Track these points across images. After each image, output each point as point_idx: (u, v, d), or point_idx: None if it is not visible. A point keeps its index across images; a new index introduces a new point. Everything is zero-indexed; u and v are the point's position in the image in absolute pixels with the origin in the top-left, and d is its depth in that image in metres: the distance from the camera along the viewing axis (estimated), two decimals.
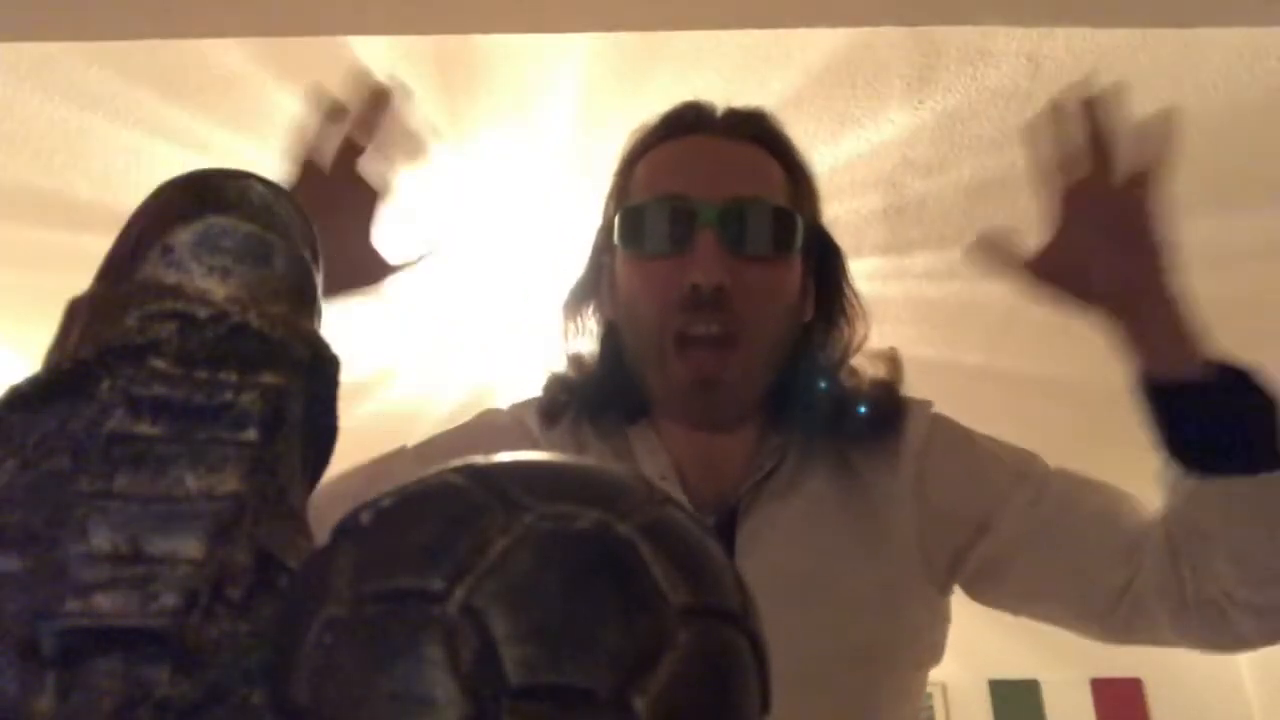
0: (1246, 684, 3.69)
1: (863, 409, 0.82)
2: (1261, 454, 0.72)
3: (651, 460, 0.81)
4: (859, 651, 0.75)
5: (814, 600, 0.74)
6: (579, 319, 0.88)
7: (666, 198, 0.78)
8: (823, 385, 0.83)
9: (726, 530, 0.77)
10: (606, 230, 0.85)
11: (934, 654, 0.82)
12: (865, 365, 0.87)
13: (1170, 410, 0.75)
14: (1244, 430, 0.73)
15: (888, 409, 0.83)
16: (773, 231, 0.78)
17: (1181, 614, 0.75)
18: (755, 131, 0.83)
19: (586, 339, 0.88)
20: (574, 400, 0.85)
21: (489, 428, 0.87)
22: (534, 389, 0.90)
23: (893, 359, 0.86)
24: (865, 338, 0.86)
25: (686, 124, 0.84)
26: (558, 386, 0.87)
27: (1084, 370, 2.86)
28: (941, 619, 0.82)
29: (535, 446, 0.83)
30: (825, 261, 0.86)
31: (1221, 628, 0.74)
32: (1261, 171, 2.09)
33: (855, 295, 0.87)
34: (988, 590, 0.82)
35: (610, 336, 0.85)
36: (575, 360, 0.88)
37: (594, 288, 0.87)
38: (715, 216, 0.76)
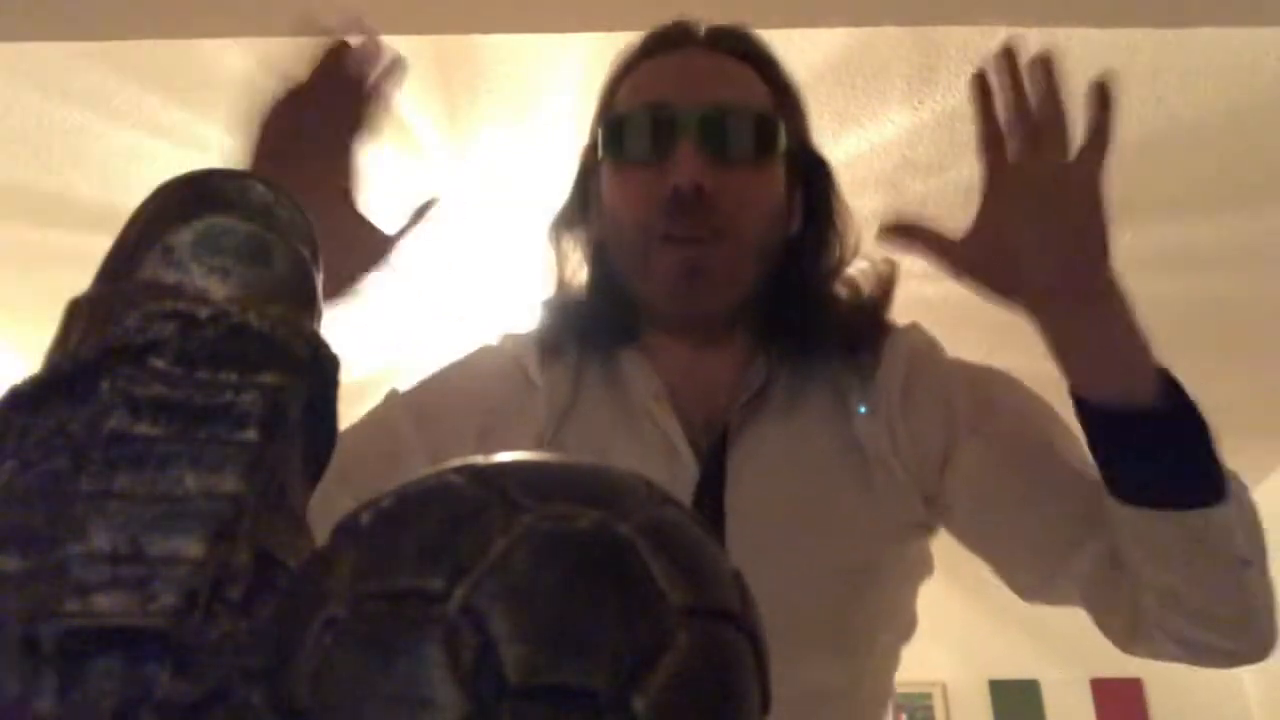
0: (1246, 684, 3.69)
1: (847, 334, 0.82)
2: (1190, 489, 0.66)
3: (643, 382, 0.81)
4: (849, 571, 0.75)
5: (806, 522, 0.74)
6: (565, 245, 0.88)
7: (648, 106, 0.79)
8: (818, 305, 0.82)
9: (718, 452, 0.77)
10: (592, 148, 0.86)
11: (924, 566, 0.82)
12: (861, 278, 0.86)
13: (1099, 432, 0.70)
14: (1174, 463, 0.66)
15: (867, 331, 0.82)
16: (754, 137, 0.78)
17: (1108, 616, 0.74)
18: (739, 47, 0.84)
19: (575, 266, 0.88)
20: (570, 330, 0.85)
21: (484, 372, 0.87)
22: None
23: (885, 275, 0.85)
24: (857, 249, 0.86)
25: (670, 41, 0.85)
26: (552, 316, 0.87)
27: None
28: (925, 537, 0.82)
29: (531, 392, 0.82)
30: (813, 176, 0.86)
31: (1146, 644, 0.73)
32: (1261, 172, 2.09)
33: (844, 207, 0.87)
34: (947, 520, 0.81)
35: (599, 258, 0.85)
36: (564, 287, 0.88)
37: (581, 212, 0.88)
38: (696, 122, 0.76)
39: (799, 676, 0.64)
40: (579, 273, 0.88)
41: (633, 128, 0.79)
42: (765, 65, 0.84)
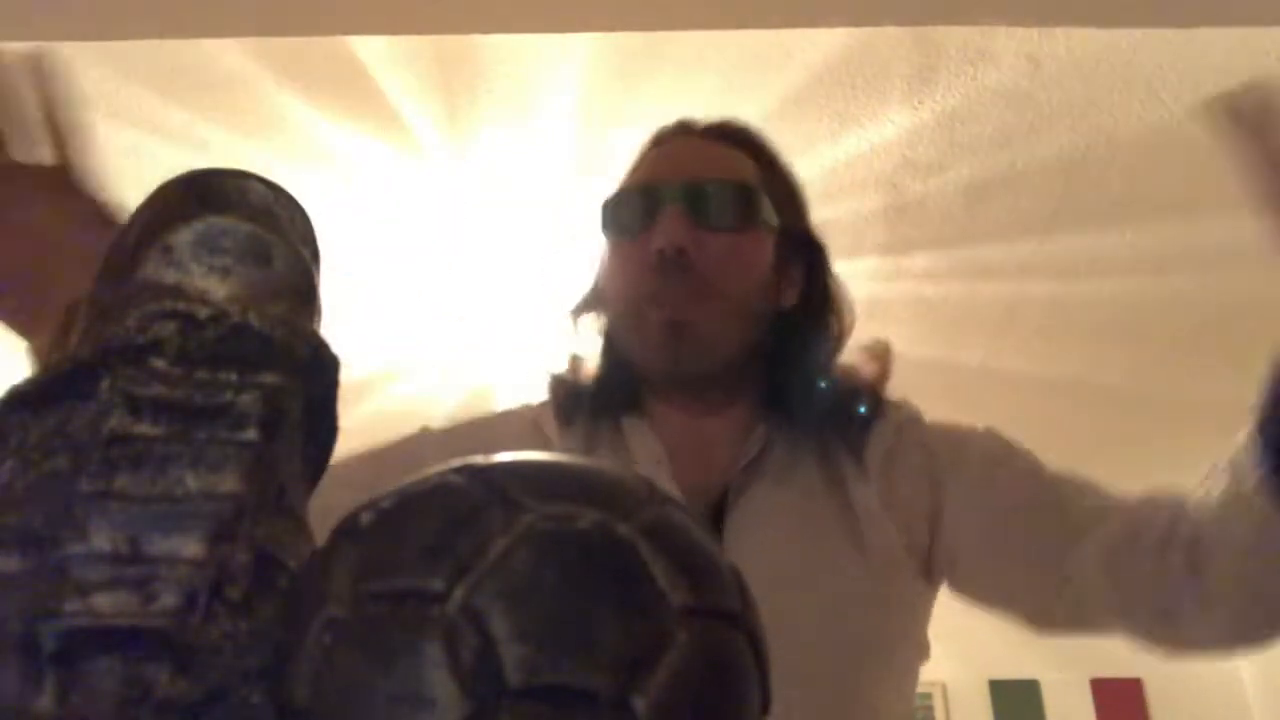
0: (1246, 684, 3.69)
1: (842, 407, 0.84)
2: None
3: (644, 448, 0.84)
4: (846, 643, 0.76)
5: (802, 589, 0.75)
6: (580, 324, 0.92)
7: (637, 185, 0.85)
8: (814, 378, 0.85)
9: (715, 516, 0.79)
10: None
11: (920, 650, 0.84)
12: (857, 361, 0.88)
13: None
14: None
15: (864, 410, 0.85)
16: (735, 204, 0.82)
17: (1136, 599, 0.73)
18: (731, 134, 0.88)
19: (588, 343, 0.91)
20: (579, 400, 0.88)
21: (506, 433, 0.89)
22: (534, 390, 0.93)
23: (880, 357, 0.88)
24: (851, 329, 0.88)
25: (667, 135, 0.90)
26: (561, 388, 0.90)
27: (1084, 370, 2.87)
28: (925, 614, 0.83)
29: (551, 447, 0.85)
30: (808, 255, 0.88)
31: (1175, 622, 0.71)
32: None
33: (840, 288, 0.89)
34: (951, 582, 0.83)
35: (605, 334, 0.89)
36: (574, 361, 0.91)
37: (595, 297, 0.91)
38: (679, 192, 0.81)
39: None
40: (591, 351, 0.92)
41: (623, 205, 0.85)
42: (757, 150, 0.88)
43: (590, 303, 0.92)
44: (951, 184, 2.16)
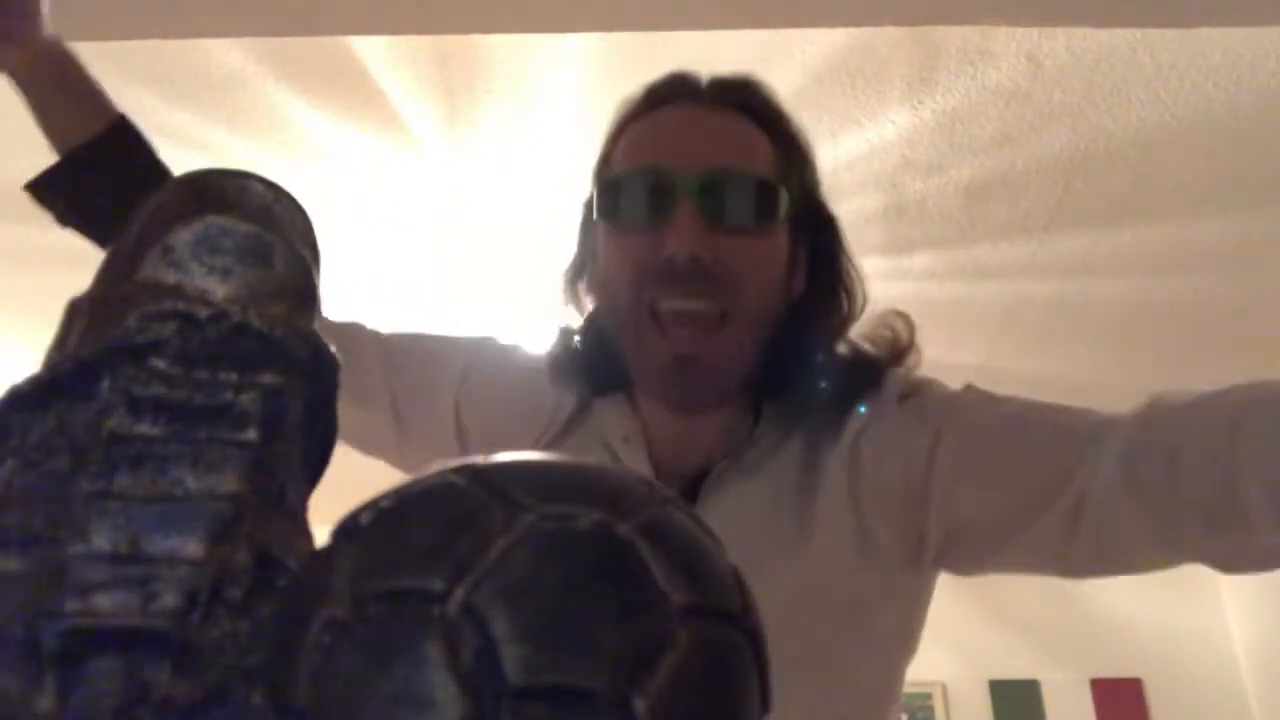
0: (1246, 684, 3.69)
1: (831, 392, 0.78)
2: None
3: (617, 423, 0.80)
4: (785, 640, 0.72)
5: (759, 582, 0.72)
6: (577, 297, 0.87)
7: (645, 169, 0.76)
8: (812, 366, 0.79)
9: (688, 497, 0.75)
10: (589, 205, 0.83)
11: (900, 646, 0.78)
12: (872, 338, 0.83)
13: None
14: None
15: (853, 386, 0.79)
16: (754, 204, 0.75)
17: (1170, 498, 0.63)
18: (741, 100, 0.80)
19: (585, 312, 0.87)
20: (573, 367, 0.85)
21: (523, 367, 0.89)
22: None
23: (893, 337, 0.81)
24: (864, 305, 0.82)
25: (670, 94, 0.81)
26: (563, 347, 0.87)
27: (1084, 370, 2.87)
28: (901, 607, 0.77)
29: (544, 396, 0.85)
30: (820, 232, 0.82)
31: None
32: (1262, 172, 2.09)
33: (852, 264, 0.83)
34: (960, 560, 0.76)
35: (594, 318, 0.84)
36: (563, 334, 0.87)
37: (584, 264, 0.86)
38: (694, 188, 0.73)
39: None
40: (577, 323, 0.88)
41: (629, 192, 0.76)
42: (770, 119, 0.80)
43: (581, 277, 0.86)
44: (951, 184, 2.17)
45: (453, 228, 2.29)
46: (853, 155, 2.06)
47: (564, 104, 1.94)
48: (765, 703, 0.32)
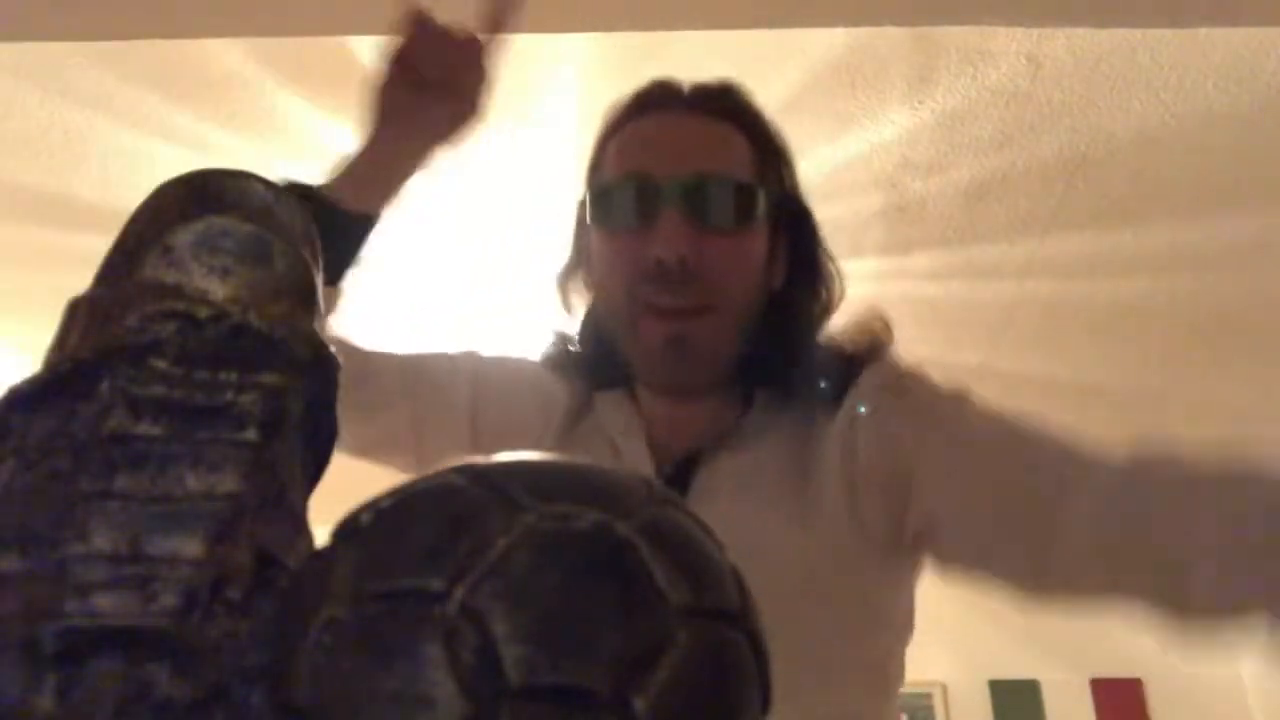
0: (1246, 684, 3.69)
1: (820, 377, 0.83)
2: None
3: (616, 415, 0.86)
4: (784, 618, 0.72)
5: (750, 558, 0.73)
6: (568, 293, 0.93)
7: (632, 175, 0.82)
8: (797, 352, 0.84)
9: (682, 479, 0.80)
10: (583, 207, 0.89)
11: (895, 628, 0.79)
12: (847, 331, 0.87)
13: None
14: None
15: (836, 375, 0.83)
16: (735, 205, 0.80)
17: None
18: (721, 106, 0.85)
19: (576, 313, 0.92)
20: (570, 364, 0.90)
21: (530, 374, 0.93)
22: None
23: (869, 330, 0.86)
24: (842, 295, 0.88)
25: (654, 101, 0.87)
26: (560, 348, 0.93)
27: (1084, 370, 2.87)
28: (894, 588, 0.79)
29: (548, 396, 0.89)
30: (797, 228, 0.88)
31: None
32: (1262, 172, 2.09)
33: (829, 258, 0.88)
34: (935, 559, 0.77)
35: (591, 314, 0.90)
36: (559, 335, 0.93)
37: (578, 262, 0.92)
38: (678, 192, 0.79)
39: None
40: (572, 321, 0.93)
41: (618, 197, 0.82)
42: (749, 123, 0.86)
43: (575, 274, 0.92)
44: (951, 184, 2.16)
45: (452, 227, 2.29)
46: (853, 155, 2.06)
47: (564, 104, 1.94)
48: (765, 703, 0.32)
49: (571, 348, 0.92)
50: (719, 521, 0.73)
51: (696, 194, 0.79)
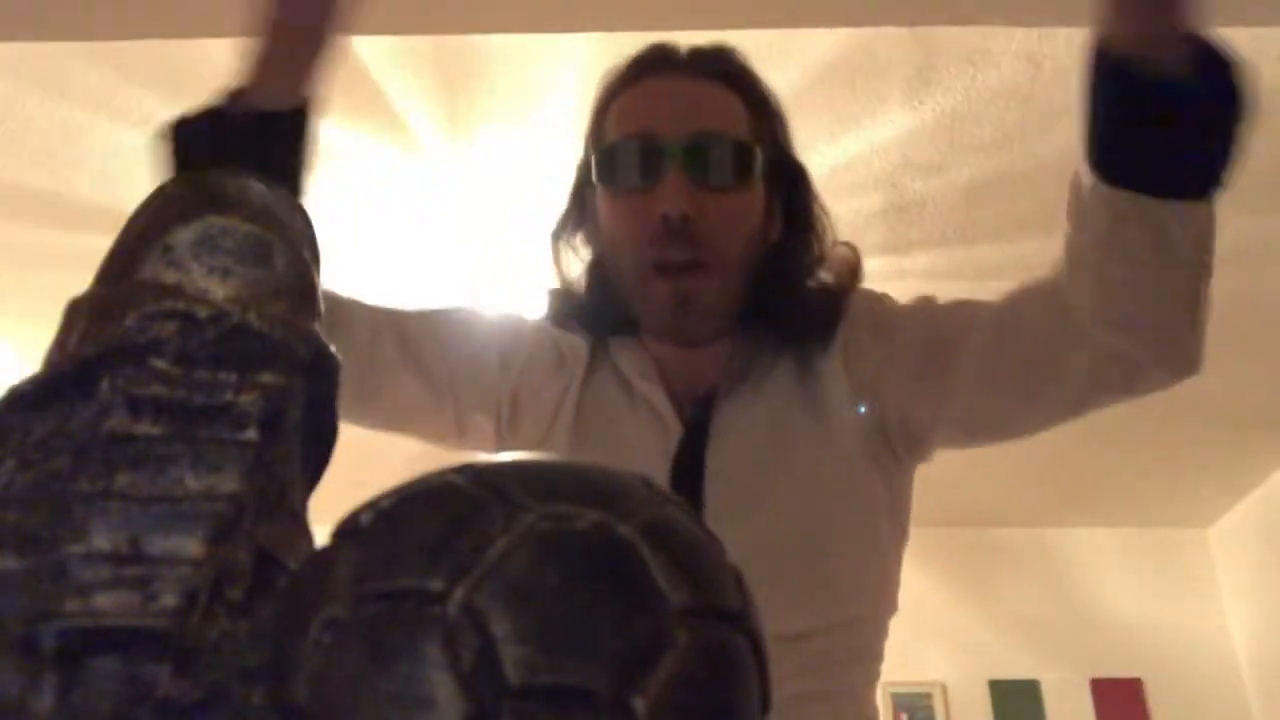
0: (1246, 684, 3.69)
1: (814, 316, 0.90)
2: (1190, 175, 0.73)
3: (633, 360, 0.90)
4: (815, 518, 0.82)
5: (776, 474, 0.82)
6: (566, 247, 0.96)
7: (636, 136, 0.86)
8: (793, 298, 0.90)
9: (702, 420, 0.86)
10: (586, 168, 0.93)
11: (897, 531, 0.88)
12: (830, 266, 0.94)
13: (1116, 93, 0.72)
14: (1188, 142, 0.72)
15: (828, 312, 0.90)
16: (734, 163, 0.85)
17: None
18: (717, 69, 0.89)
19: (576, 265, 0.96)
20: (577, 317, 0.94)
21: (535, 334, 0.97)
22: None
23: (851, 261, 0.94)
24: (832, 250, 0.93)
25: (653, 65, 0.91)
26: (562, 305, 0.96)
27: None
28: (897, 492, 0.88)
29: (559, 354, 0.93)
30: (791, 183, 0.93)
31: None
32: (1261, 171, 2.09)
33: (821, 208, 0.94)
34: (944, 422, 0.86)
35: (598, 269, 0.94)
36: (568, 285, 0.96)
37: (579, 220, 0.95)
38: (680, 152, 0.83)
39: (768, 620, 0.67)
40: (580, 273, 0.96)
41: (623, 157, 0.87)
42: (744, 84, 0.90)
43: (574, 228, 0.95)
44: (951, 184, 2.16)
45: (452, 227, 2.29)
46: (853, 155, 2.06)
47: (564, 104, 1.94)
48: (765, 702, 0.32)
49: (576, 300, 0.95)
50: (744, 451, 0.83)
51: (698, 153, 0.84)
